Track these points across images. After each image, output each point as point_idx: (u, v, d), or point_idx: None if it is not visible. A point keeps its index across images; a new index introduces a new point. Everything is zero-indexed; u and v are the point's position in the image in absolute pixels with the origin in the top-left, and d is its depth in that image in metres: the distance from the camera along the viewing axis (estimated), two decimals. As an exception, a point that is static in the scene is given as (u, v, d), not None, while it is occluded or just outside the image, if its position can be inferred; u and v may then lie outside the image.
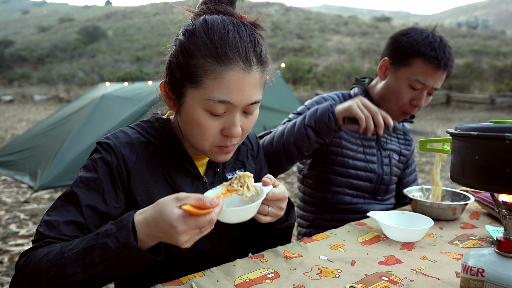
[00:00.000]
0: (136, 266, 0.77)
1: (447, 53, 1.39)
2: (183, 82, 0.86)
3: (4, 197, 4.35)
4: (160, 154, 0.97)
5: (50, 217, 0.84)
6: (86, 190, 0.87)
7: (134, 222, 0.76)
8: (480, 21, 56.88)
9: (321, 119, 1.25)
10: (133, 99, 5.29)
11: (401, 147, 1.65)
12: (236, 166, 1.10)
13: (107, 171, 0.90)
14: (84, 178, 0.89)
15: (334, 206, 1.51)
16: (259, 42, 0.87)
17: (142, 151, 0.95)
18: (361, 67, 25.86)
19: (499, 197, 0.70)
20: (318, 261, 0.95)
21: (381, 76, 1.51)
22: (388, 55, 1.49)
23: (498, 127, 0.61)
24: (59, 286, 0.75)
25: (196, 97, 0.85)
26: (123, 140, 0.94)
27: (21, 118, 12.95)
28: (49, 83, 28.62)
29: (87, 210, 0.85)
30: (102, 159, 0.90)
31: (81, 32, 46.29)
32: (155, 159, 0.96)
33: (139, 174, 0.93)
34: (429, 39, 1.40)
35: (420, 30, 1.45)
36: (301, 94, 18.02)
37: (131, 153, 0.93)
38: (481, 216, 1.33)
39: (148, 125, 0.99)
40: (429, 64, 1.38)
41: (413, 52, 1.40)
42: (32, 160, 5.06)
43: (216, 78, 0.82)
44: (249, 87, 0.85)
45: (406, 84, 1.42)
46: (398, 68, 1.44)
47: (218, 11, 0.89)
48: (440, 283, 0.84)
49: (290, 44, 37.13)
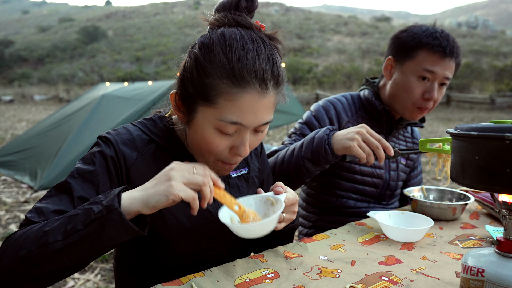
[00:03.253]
0: (118, 234, 0.73)
1: (450, 41, 1.35)
2: (196, 99, 0.84)
3: (4, 197, 4.35)
4: (162, 153, 0.96)
5: (41, 204, 0.83)
6: (81, 181, 0.86)
7: (123, 190, 0.76)
8: (480, 21, 56.87)
9: (317, 151, 1.21)
10: (133, 99, 5.29)
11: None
12: (240, 165, 1.08)
13: (104, 165, 0.88)
14: (80, 169, 0.87)
15: (337, 209, 1.49)
16: (277, 61, 0.85)
17: (144, 149, 0.94)
18: (361, 67, 25.86)
19: (499, 197, 0.70)
20: (318, 261, 0.95)
21: (387, 76, 1.47)
22: (391, 54, 1.45)
23: (498, 127, 0.61)
24: (39, 255, 0.72)
25: (207, 115, 0.84)
26: (125, 136, 0.93)
27: (21, 118, 12.95)
28: (49, 83, 28.61)
29: (79, 202, 0.83)
30: (100, 152, 0.89)
31: (81, 32, 46.29)
32: (157, 157, 0.95)
33: (139, 171, 0.92)
34: (430, 30, 1.37)
35: (419, 25, 1.43)
36: (301, 94, 18.02)
37: (132, 150, 0.92)
38: (481, 216, 1.33)
39: (151, 123, 0.98)
40: (434, 53, 1.33)
41: (416, 44, 1.36)
42: (32, 160, 5.05)
43: (231, 100, 0.80)
44: (263, 109, 0.83)
45: (414, 76, 1.37)
46: (403, 63, 1.40)
47: (237, 22, 0.85)
48: (440, 283, 0.84)
49: (290, 44, 37.10)
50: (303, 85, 22.84)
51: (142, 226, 0.80)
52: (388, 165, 1.53)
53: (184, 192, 0.74)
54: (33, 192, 4.46)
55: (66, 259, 0.73)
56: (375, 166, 1.49)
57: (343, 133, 1.20)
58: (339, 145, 1.18)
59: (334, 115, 1.48)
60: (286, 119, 7.01)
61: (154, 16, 62.97)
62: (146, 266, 0.98)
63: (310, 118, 1.49)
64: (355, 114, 1.51)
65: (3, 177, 5.17)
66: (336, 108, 1.49)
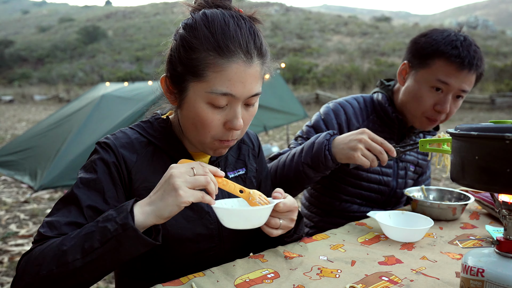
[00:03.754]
0: (135, 249, 0.77)
1: (471, 51, 1.26)
2: (185, 76, 0.87)
3: (4, 197, 4.35)
4: (161, 154, 0.97)
5: (52, 218, 0.85)
6: (86, 190, 0.88)
7: (134, 204, 0.78)
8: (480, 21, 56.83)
9: (317, 157, 1.18)
10: (133, 99, 5.29)
11: (418, 157, 1.56)
12: (237, 165, 1.10)
13: (106, 171, 0.90)
14: (84, 179, 0.89)
15: (340, 213, 1.47)
16: (259, 35, 0.89)
17: (143, 151, 0.95)
18: (361, 67, 25.85)
19: (499, 197, 0.70)
20: (318, 261, 0.95)
21: (400, 81, 1.41)
22: (407, 59, 1.38)
23: (498, 127, 0.61)
24: (60, 274, 0.75)
25: (198, 91, 0.86)
26: (123, 140, 0.95)
27: (21, 118, 12.94)
28: (49, 83, 28.61)
29: (88, 211, 0.86)
30: (101, 159, 0.91)
31: (81, 32, 46.27)
32: (156, 158, 0.96)
33: (140, 173, 0.93)
34: (451, 38, 1.28)
35: (441, 30, 1.33)
36: (301, 94, 18.02)
37: (131, 153, 0.93)
38: (481, 216, 1.33)
39: (147, 125, 1.00)
40: (450, 64, 1.25)
41: (432, 52, 1.28)
42: (32, 160, 5.05)
43: (219, 71, 0.83)
44: (250, 79, 0.86)
45: (427, 86, 1.30)
46: (418, 71, 1.33)
47: (216, 5, 0.90)
48: (440, 283, 0.84)
49: (290, 44, 37.12)
50: (303, 85, 22.83)
51: (155, 233, 0.81)
52: (397, 173, 1.48)
53: (193, 196, 0.77)
54: (33, 192, 4.45)
55: (87, 275, 0.77)
56: (382, 173, 1.45)
57: (344, 141, 1.17)
58: (342, 154, 1.16)
59: (344, 120, 1.43)
60: (286, 119, 7.00)
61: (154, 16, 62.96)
62: (146, 266, 0.98)
63: (319, 121, 1.44)
64: (366, 119, 1.46)
65: (3, 177, 5.17)
66: (347, 112, 1.44)
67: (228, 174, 1.07)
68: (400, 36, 40.50)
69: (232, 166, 1.08)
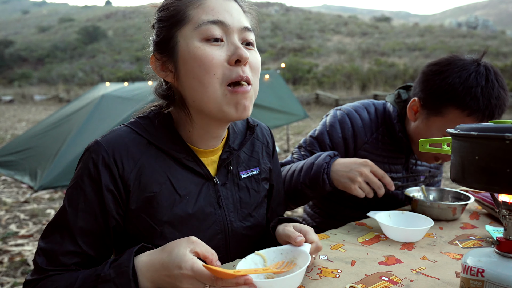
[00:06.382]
0: None
1: (493, 99, 1.10)
2: (171, 31, 0.83)
3: (4, 197, 4.35)
4: (164, 155, 0.88)
5: (46, 246, 0.81)
6: (75, 212, 0.81)
7: (135, 267, 0.72)
8: (480, 21, 56.84)
9: (315, 179, 1.16)
10: (133, 99, 5.29)
11: (431, 166, 1.49)
12: (251, 164, 1.01)
13: (95, 188, 0.81)
14: (73, 201, 0.82)
15: (344, 217, 1.44)
16: None
17: (142, 155, 0.85)
18: (361, 67, 25.86)
19: (499, 197, 0.70)
20: (318, 261, 0.94)
21: (411, 117, 1.28)
22: (418, 96, 1.23)
23: (498, 127, 0.61)
24: None
25: (187, 34, 0.81)
26: (117, 145, 0.84)
27: (21, 118, 12.94)
28: (49, 83, 28.62)
29: (81, 236, 0.81)
30: (89, 176, 0.81)
31: (81, 32, 46.28)
32: (158, 161, 0.86)
33: (138, 180, 0.84)
34: (470, 83, 1.10)
35: (459, 67, 1.13)
36: (301, 94, 18.03)
37: (127, 159, 0.83)
38: (481, 216, 1.33)
39: (147, 123, 0.89)
40: (467, 116, 1.12)
41: (447, 100, 1.14)
42: (32, 160, 5.06)
43: (198, 5, 0.82)
44: (234, 10, 0.84)
45: (439, 134, 1.19)
46: (430, 115, 1.21)
47: None
48: (440, 283, 0.84)
49: (290, 44, 37.13)
50: (303, 85, 22.84)
51: None
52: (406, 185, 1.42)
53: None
54: (33, 192, 4.46)
55: None
56: None
57: (345, 168, 1.13)
58: (339, 182, 1.14)
59: (351, 135, 1.35)
60: (286, 119, 7.00)
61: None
62: None
63: (323, 134, 1.38)
64: (375, 132, 1.37)
65: (3, 177, 5.17)
66: (354, 125, 1.36)
67: (241, 174, 0.98)
68: (400, 36, 40.51)
69: (244, 165, 1.00)
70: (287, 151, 7.21)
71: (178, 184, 0.87)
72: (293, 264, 0.83)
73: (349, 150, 1.37)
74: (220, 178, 0.94)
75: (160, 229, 0.85)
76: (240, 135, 1.01)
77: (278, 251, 0.86)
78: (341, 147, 1.37)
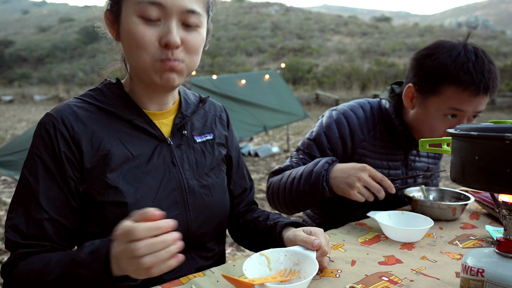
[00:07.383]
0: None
1: (486, 72, 1.13)
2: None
3: (4, 197, 4.35)
4: (115, 119, 0.91)
5: (15, 221, 0.83)
6: (36, 180, 0.84)
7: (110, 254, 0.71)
8: (480, 21, 56.86)
9: (315, 186, 1.17)
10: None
11: (429, 162, 1.49)
12: (204, 131, 1.06)
13: (50, 153, 0.85)
14: (31, 169, 0.85)
15: (344, 218, 1.44)
16: None
17: (92, 119, 0.89)
18: (361, 67, 25.85)
19: (499, 197, 0.70)
20: (318, 261, 0.94)
21: (407, 104, 1.29)
22: (412, 81, 1.25)
23: (498, 127, 0.61)
24: None
25: (129, 6, 0.84)
26: (65, 112, 0.88)
27: (21, 118, 12.95)
28: (49, 83, 28.63)
29: (47, 201, 0.83)
30: (43, 143, 0.86)
31: (81, 32, 46.30)
32: (110, 124, 0.90)
33: (91, 141, 0.87)
34: (461, 60, 1.14)
35: (447, 48, 1.18)
36: (301, 94, 18.02)
37: (77, 123, 0.87)
38: (481, 216, 1.33)
39: (97, 93, 0.94)
40: (463, 91, 1.14)
41: (442, 78, 1.16)
42: (32, 160, 5.05)
43: None
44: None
45: (438, 114, 1.20)
46: (427, 97, 1.22)
47: None
48: (440, 283, 0.84)
49: (290, 44, 37.13)
50: (303, 85, 22.83)
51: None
52: (405, 182, 1.44)
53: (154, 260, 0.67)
54: (33, 192, 4.45)
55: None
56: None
57: (343, 174, 1.14)
58: (338, 188, 1.15)
59: (348, 134, 1.35)
60: (286, 119, 7.01)
61: (154, 16, 62.92)
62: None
63: (320, 135, 1.38)
64: (373, 129, 1.37)
65: (3, 177, 5.17)
66: (351, 124, 1.36)
67: (195, 138, 1.02)
68: (400, 36, 40.51)
69: (198, 131, 1.04)
70: (287, 151, 7.21)
71: (131, 145, 0.90)
72: (297, 271, 0.83)
73: (347, 148, 1.37)
74: (174, 140, 0.97)
75: (115, 187, 0.87)
76: (192, 105, 1.05)
77: (282, 252, 0.87)
78: (339, 147, 1.37)
